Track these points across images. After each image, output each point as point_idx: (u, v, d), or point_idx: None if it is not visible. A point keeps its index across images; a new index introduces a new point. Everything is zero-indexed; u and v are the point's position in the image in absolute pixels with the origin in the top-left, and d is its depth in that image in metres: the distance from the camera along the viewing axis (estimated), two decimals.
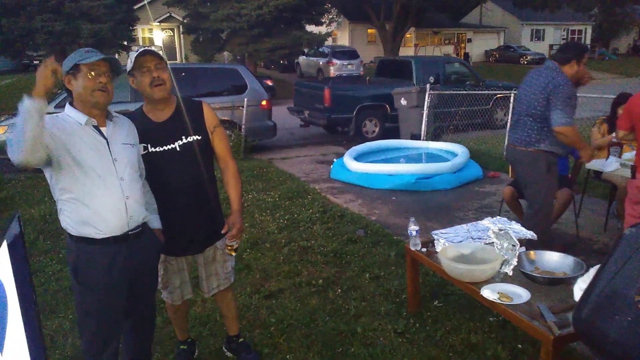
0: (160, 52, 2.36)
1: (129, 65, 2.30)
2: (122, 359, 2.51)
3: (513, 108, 3.86)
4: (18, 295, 1.67)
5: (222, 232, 2.50)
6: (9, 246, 1.68)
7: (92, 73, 2.07)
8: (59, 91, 10.78)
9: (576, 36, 39.70)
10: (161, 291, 2.67)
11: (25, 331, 1.69)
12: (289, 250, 4.47)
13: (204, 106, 2.51)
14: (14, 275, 1.67)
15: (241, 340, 2.92)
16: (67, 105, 2.16)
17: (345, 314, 3.37)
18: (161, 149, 2.38)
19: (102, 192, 2.09)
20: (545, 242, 3.36)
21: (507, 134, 3.94)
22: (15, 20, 16.36)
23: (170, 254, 2.54)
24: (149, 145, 2.37)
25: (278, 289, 3.73)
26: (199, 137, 2.44)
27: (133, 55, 2.30)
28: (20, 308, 1.68)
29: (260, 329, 3.22)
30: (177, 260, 2.58)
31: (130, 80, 2.37)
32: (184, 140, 2.40)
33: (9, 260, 1.63)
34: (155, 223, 2.39)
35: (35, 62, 27.45)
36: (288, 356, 2.93)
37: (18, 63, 26.80)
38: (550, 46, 37.07)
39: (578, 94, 3.64)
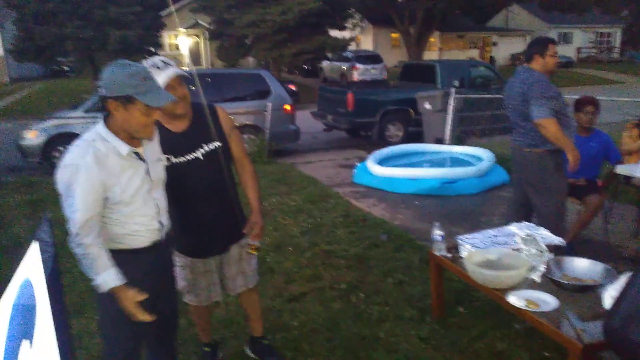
0: (176, 62, 2.32)
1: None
2: None
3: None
4: (48, 295, 1.70)
5: (244, 231, 2.52)
6: (40, 247, 1.72)
7: (149, 112, 1.93)
8: (87, 97, 11.00)
9: (605, 39, 38.92)
10: (184, 294, 2.69)
11: (55, 331, 1.72)
12: (311, 253, 4.47)
13: (219, 111, 2.51)
14: (45, 275, 1.71)
15: (265, 342, 2.92)
16: (104, 127, 1.97)
17: (368, 319, 3.35)
18: (184, 159, 2.39)
19: (139, 216, 2.06)
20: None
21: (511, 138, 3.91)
22: (47, 28, 16.80)
23: (196, 256, 2.57)
24: (172, 157, 2.37)
25: (301, 293, 3.74)
26: (220, 144, 2.45)
27: (163, 76, 2.21)
28: (51, 308, 1.71)
29: (282, 332, 3.22)
30: (203, 262, 2.60)
31: None
32: (206, 149, 2.42)
33: (40, 260, 1.66)
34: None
35: (64, 67, 28.20)
36: None
37: (48, 69, 27.53)
38: (578, 49, 36.44)
39: (607, 98, 3.59)
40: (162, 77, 2.21)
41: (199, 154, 2.41)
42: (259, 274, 2.85)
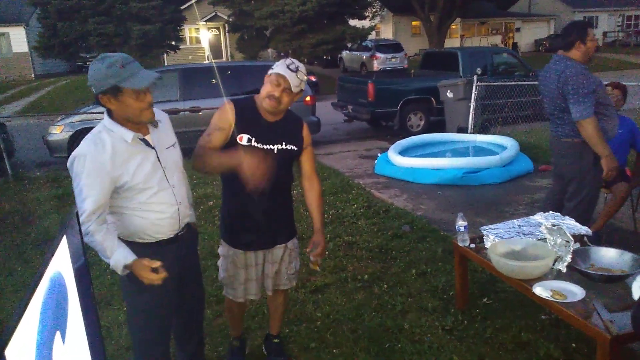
0: (300, 77, 2.38)
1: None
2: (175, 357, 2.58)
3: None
4: (77, 287, 1.74)
5: (307, 250, 2.61)
6: (69, 240, 1.76)
7: (138, 95, 1.95)
8: None
9: (632, 22, 37.83)
10: (223, 286, 2.71)
11: (85, 322, 1.76)
12: (334, 245, 4.48)
13: (304, 125, 2.63)
14: (73, 268, 1.75)
15: (275, 341, 2.93)
16: (108, 119, 2.03)
17: (392, 310, 3.35)
18: (263, 146, 2.45)
19: (156, 204, 2.09)
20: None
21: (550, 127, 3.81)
22: (70, 24, 17.07)
23: (241, 247, 2.57)
24: (253, 139, 2.42)
25: (324, 284, 3.75)
26: (295, 148, 2.53)
27: (282, 67, 2.37)
28: (79, 300, 1.75)
29: (306, 323, 3.25)
30: (245, 255, 2.59)
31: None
32: (283, 146, 2.49)
33: (68, 253, 1.70)
34: (192, 217, 2.39)
35: (88, 63, 28.67)
36: (335, 351, 2.94)
37: (72, 65, 28.00)
38: (604, 34, 35.48)
39: (635, 83, 3.48)
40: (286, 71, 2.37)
41: (275, 147, 2.47)
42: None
